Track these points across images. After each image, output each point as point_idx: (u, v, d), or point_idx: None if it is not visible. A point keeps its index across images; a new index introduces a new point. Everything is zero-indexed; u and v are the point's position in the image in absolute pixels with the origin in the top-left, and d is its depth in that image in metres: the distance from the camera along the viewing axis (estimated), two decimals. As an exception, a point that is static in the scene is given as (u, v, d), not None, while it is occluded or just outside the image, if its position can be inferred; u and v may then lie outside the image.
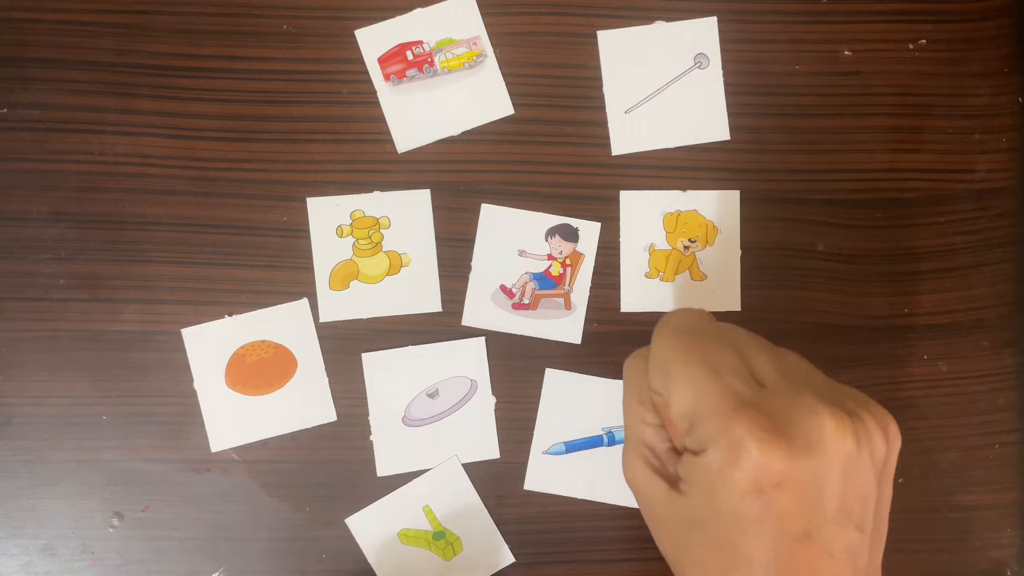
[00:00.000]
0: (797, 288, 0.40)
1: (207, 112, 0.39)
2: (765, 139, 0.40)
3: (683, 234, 0.40)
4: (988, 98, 0.41)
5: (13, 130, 0.38)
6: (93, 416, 0.38)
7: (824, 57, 0.40)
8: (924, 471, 0.40)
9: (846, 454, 0.27)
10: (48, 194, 0.38)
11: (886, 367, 0.40)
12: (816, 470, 0.27)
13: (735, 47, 0.40)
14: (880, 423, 0.29)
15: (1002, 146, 0.41)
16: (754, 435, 0.27)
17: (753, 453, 0.27)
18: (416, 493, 0.39)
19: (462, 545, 0.39)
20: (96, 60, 0.39)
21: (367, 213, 0.39)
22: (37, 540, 0.38)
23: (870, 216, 0.40)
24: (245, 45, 0.39)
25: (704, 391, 0.28)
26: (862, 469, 0.28)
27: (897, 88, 0.40)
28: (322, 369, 0.38)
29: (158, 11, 0.39)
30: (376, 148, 0.39)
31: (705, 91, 0.40)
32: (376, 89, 0.39)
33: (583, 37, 0.40)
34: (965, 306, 0.40)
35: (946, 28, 0.41)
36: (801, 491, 0.27)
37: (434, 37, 0.39)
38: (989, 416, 0.40)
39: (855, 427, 0.28)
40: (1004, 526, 0.40)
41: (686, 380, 0.29)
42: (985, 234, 0.41)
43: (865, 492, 0.28)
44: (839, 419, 0.27)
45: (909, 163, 0.40)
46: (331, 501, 0.39)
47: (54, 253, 0.38)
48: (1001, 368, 0.40)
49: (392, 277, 0.39)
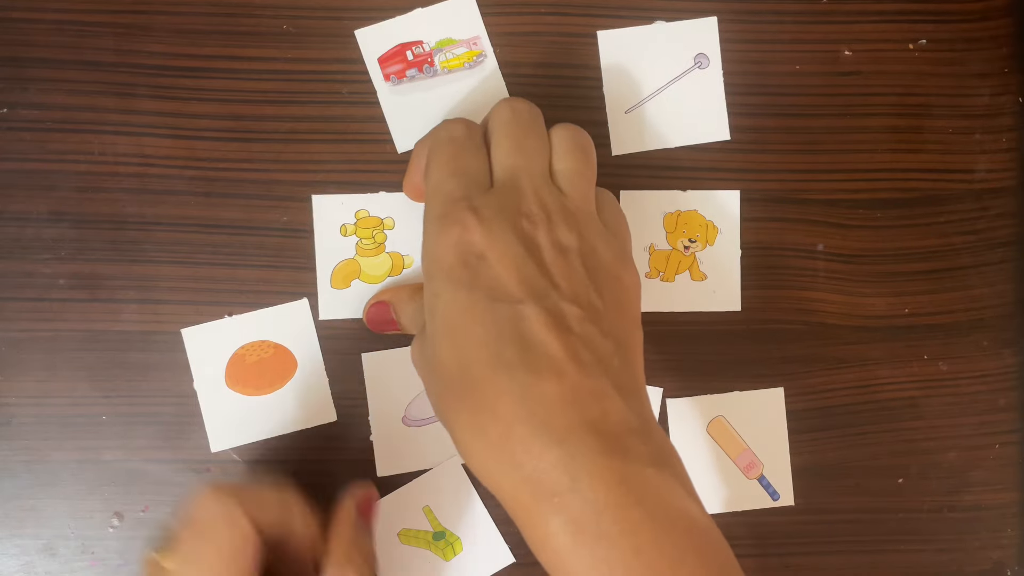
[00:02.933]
0: (797, 288, 0.40)
1: (207, 112, 0.39)
2: (765, 139, 0.40)
3: (683, 234, 0.40)
4: (988, 98, 0.41)
5: (13, 130, 0.38)
6: (93, 416, 0.38)
7: (824, 57, 0.40)
8: (924, 471, 0.40)
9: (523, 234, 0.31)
10: (48, 194, 0.38)
11: (886, 367, 0.40)
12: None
13: (735, 47, 0.40)
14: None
15: (1002, 146, 0.41)
16: (454, 217, 0.31)
17: (453, 231, 0.30)
18: (416, 493, 0.39)
19: (462, 545, 0.39)
20: (96, 60, 0.39)
21: (372, 213, 0.39)
22: (37, 540, 0.38)
23: (870, 216, 0.40)
24: (245, 45, 0.39)
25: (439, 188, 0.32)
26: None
27: (897, 88, 0.40)
28: (322, 369, 0.38)
29: (158, 11, 0.39)
30: (376, 148, 0.39)
31: (705, 91, 0.40)
32: (376, 89, 0.39)
33: (583, 37, 0.40)
34: (965, 306, 0.40)
35: (946, 28, 0.41)
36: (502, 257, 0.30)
37: (434, 37, 0.39)
38: (989, 416, 0.40)
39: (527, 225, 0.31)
40: (1004, 526, 0.40)
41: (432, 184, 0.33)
42: (985, 234, 0.41)
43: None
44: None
45: (909, 163, 0.40)
46: (331, 501, 0.39)
47: (54, 253, 0.38)
48: (1001, 368, 0.40)
49: (394, 277, 0.39)
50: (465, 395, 0.29)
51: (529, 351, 0.28)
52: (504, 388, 0.28)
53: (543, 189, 0.32)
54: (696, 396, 0.40)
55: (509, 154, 0.33)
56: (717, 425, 0.40)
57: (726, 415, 0.40)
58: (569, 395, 0.28)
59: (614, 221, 0.34)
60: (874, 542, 0.40)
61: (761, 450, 0.40)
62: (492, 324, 0.29)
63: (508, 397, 0.28)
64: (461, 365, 0.29)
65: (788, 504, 0.40)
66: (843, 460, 0.40)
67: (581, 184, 0.33)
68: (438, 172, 0.33)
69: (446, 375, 0.30)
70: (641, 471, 0.27)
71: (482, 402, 0.28)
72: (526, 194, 0.32)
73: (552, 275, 0.30)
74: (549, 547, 0.27)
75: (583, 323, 0.29)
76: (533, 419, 0.27)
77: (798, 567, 0.40)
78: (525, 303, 0.29)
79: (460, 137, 0.33)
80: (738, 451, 0.40)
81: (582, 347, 0.29)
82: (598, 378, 0.29)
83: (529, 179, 0.32)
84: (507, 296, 0.29)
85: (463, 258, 0.30)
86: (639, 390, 0.30)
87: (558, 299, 0.30)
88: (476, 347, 0.29)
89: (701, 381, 0.40)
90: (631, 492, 0.27)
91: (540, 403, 0.28)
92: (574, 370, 0.28)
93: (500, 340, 0.29)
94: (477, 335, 0.29)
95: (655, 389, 0.39)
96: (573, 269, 0.31)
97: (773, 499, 0.40)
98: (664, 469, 0.28)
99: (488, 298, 0.29)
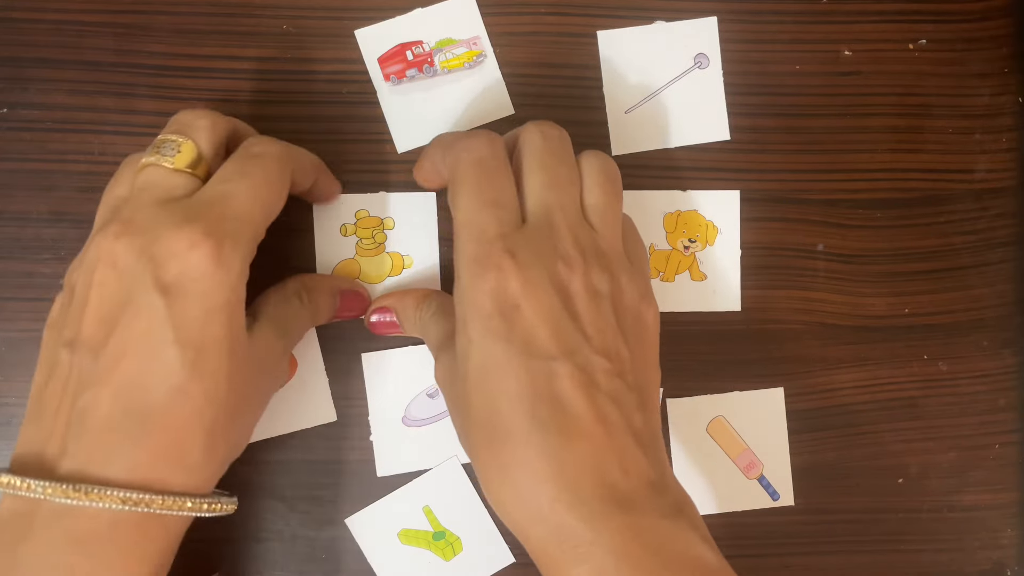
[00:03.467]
0: (797, 288, 0.40)
1: (207, 112, 0.39)
2: (765, 139, 0.40)
3: (683, 234, 0.40)
4: (988, 98, 0.41)
5: (13, 130, 0.38)
6: (93, 416, 0.38)
7: (824, 57, 0.40)
8: (924, 471, 0.40)
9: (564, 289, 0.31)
10: (48, 194, 0.38)
11: (886, 367, 0.40)
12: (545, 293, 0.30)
13: (735, 47, 0.40)
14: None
15: (1002, 146, 0.41)
16: (493, 262, 0.30)
17: (490, 277, 0.30)
18: (416, 493, 0.39)
19: (462, 545, 0.39)
20: (96, 60, 0.39)
21: (372, 213, 0.39)
22: (37, 540, 0.38)
23: (870, 216, 0.40)
24: (245, 45, 0.39)
25: (471, 220, 0.31)
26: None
27: (897, 88, 0.40)
28: (322, 369, 0.38)
29: (158, 11, 0.39)
30: (376, 148, 0.39)
31: (705, 91, 0.40)
32: (376, 89, 0.39)
33: (583, 37, 0.40)
34: (965, 306, 0.40)
35: (946, 28, 0.41)
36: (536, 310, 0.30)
37: (434, 37, 0.39)
38: (989, 416, 0.40)
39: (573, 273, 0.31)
40: (1004, 526, 0.40)
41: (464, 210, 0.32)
42: (985, 234, 0.41)
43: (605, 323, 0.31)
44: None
45: (909, 163, 0.40)
46: (331, 501, 0.39)
47: (54, 253, 0.38)
48: (1001, 368, 0.40)
49: (394, 278, 0.39)
50: (497, 444, 0.30)
51: (561, 411, 0.29)
52: (535, 444, 0.29)
53: (578, 228, 0.32)
54: (696, 396, 0.40)
55: (544, 188, 0.32)
56: (717, 425, 0.40)
57: (726, 415, 0.40)
58: (594, 458, 0.29)
59: (636, 253, 0.34)
60: (874, 542, 0.40)
61: (761, 450, 0.40)
62: (527, 381, 0.29)
63: (539, 454, 0.29)
64: (494, 414, 0.30)
65: (788, 504, 0.40)
66: (843, 460, 0.40)
67: (612, 220, 0.33)
68: (468, 202, 0.32)
69: (478, 421, 0.30)
70: (657, 523, 0.29)
71: (514, 456, 0.29)
72: (562, 234, 0.31)
73: (584, 326, 0.30)
74: None
75: (611, 378, 0.30)
76: (561, 479, 0.29)
77: (798, 567, 0.40)
78: (558, 360, 0.30)
79: (487, 160, 0.32)
80: (738, 451, 0.40)
81: (610, 406, 0.30)
82: (622, 437, 0.30)
83: (564, 217, 0.32)
84: (541, 352, 0.30)
85: (500, 308, 0.30)
86: (657, 440, 0.31)
87: (589, 353, 0.30)
88: (509, 401, 0.29)
89: (701, 381, 0.40)
90: (648, 544, 0.28)
91: (569, 464, 0.29)
92: (601, 432, 0.29)
93: (534, 397, 0.29)
94: (511, 389, 0.29)
95: (655, 389, 0.39)
96: (604, 317, 0.31)
97: (773, 499, 0.40)
98: (679, 518, 0.29)
99: (523, 353, 0.30)
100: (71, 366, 0.30)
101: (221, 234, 0.30)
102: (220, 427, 0.30)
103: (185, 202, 0.31)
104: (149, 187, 0.31)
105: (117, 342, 0.29)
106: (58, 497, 0.28)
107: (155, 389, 0.29)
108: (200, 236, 0.29)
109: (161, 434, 0.29)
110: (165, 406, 0.29)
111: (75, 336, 0.30)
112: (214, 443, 0.30)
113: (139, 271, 0.29)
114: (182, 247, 0.29)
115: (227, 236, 0.30)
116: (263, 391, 0.34)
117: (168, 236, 0.29)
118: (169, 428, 0.29)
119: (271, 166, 0.32)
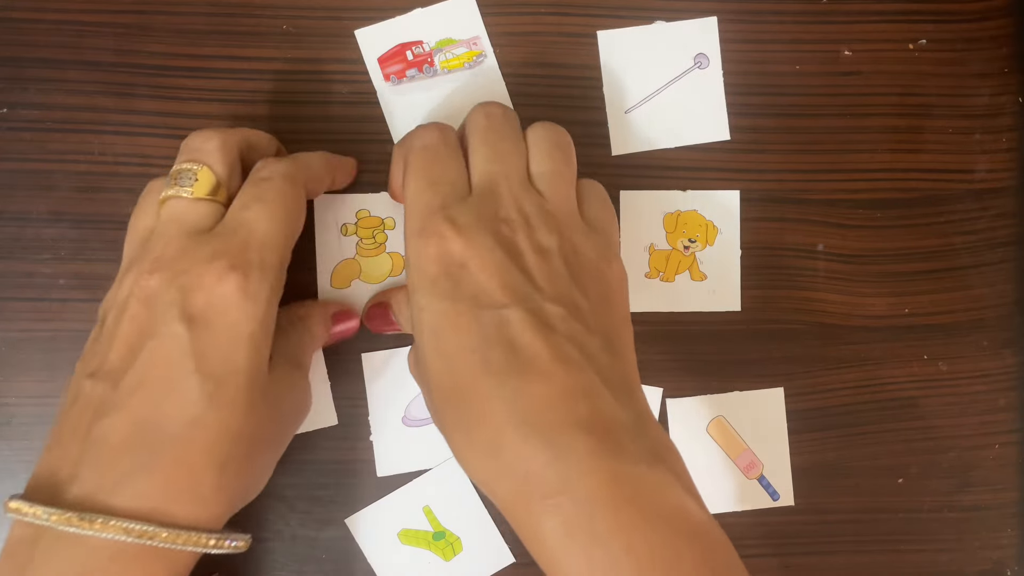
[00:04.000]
0: (797, 288, 0.40)
1: (207, 112, 0.39)
2: (765, 139, 0.40)
3: (683, 234, 0.40)
4: (988, 98, 0.41)
5: (13, 130, 0.38)
6: (93, 416, 0.38)
7: (824, 57, 0.40)
8: (924, 471, 0.40)
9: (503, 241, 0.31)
10: (48, 194, 0.38)
11: (886, 367, 0.40)
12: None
13: (735, 47, 0.40)
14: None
15: (1002, 146, 0.41)
16: (434, 229, 0.31)
17: (432, 243, 0.30)
18: (416, 493, 0.39)
19: (462, 545, 0.39)
20: (96, 60, 0.39)
21: (373, 213, 0.39)
22: (37, 540, 0.38)
23: (870, 216, 0.40)
24: (245, 45, 0.39)
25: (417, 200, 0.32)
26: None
27: (897, 88, 0.40)
28: (324, 374, 0.38)
29: (158, 11, 0.39)
30: (376, 148, 0.39)
31: (705, 91, 0.40)
32: (376, 89, 0.39)
33: (583, 37, 0.40)
34: (965, 306, 0.40)
35: (946, 28, 0.41)
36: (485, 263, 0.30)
37: (434, 37, 0.39)
38: (989, 416, 0.40)
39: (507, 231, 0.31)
40: (1004, 526, 0.40)
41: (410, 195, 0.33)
42: (985, 234, 0.41)
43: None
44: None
45: (909, 163, 0.40)
46: (331, 501, 0.39)
47: (54, 253, 0.38)
48: (1001, 368, 0.40)
49: (394, 278, 0.39)
50: (457, 403, 0.29)
51: (515, 354, 0.29)
52: (493, 393, 0.28)
53: (521, 194, 0.32)
54: (696, 396, 0.40)
55: (486, 160, 0.33)
56: (717, 425, 0.40)
57: (726, 415, 0.40)
58: (557, 395, 0.28)
59: (599, 217, 0.34)
60: (874, 542, 0.40)
61: (761, 450, 0.40)
62: (477, 331, 0.29)
63: (497, 402, 0.28)
64: (451, 374, 0.29)
65: (788, 504, 0.40)
66: (843, 460, 0.40)
67: (560, 185, 0.33)
68: (414, 183, 0.33)
69: (437, 385, 0.30)
70: (632, 468, 0.27)
71: (472, 408, 0.29)
72: (504, 200, 0.32)
73: (534, 278, 0.30)
74: (545, 549, 0.27)
75: (567, 321, 0.30)
76: (523, 422, 0.28)
77: (798, 567, 0.40)
78: (509, 307, 0.29)
79: (434, 144, 0.34)
80: (738, 451, 0.40)
81: (568, 345, 0.29)
82: (586, 375, 0.29)
83: (507, 184, 0.32)
84: (491, 302, 0.30)
85: (445, 269, 0.30)
86: (631, 385, 0.31)
87: (541, 301, 0.30)
88: (463, 355, 0.29)
89: (701, 381, 0.40)
90: (622, 490, 0.27)
91: (528, 405, 0.28)
92: (561, 370, 0.28)
93: (486, 346, 0.29)
94: (463, 343, 0.29)
95: (655, 389, 0.39)
96: (555, 270, 0.31)
97: (773, 499, 0.40)
98: (658, 465, 0.28)
99: (472, 306, 0.30)
100: (92, 394, 0.30)
101: (247, 265, 0.30)
102: (235, 462, 0.30)
103: (210, 234, 0.31)
104: (174, 219, 0.32)
105: (138, 370, 0.29)
106: (61, 525, 0.27)
107: (172, 419, 0.29)
108: (226, 268, 0.30)
109: (172, 465, 0.28)
110: (180, 436, 0.29)
111: (99, 366, 0.30)
112: (227, 478, 0.29)
113: (167, 303, 0.30)
114: (211, 280, 0.30)
115: (253, 267, 0.30)
116: (284, 427, 0.34)
117: (197, 270, 0.30)
118: (181, 459, 0.29)
119: (283, 187, 0.32)
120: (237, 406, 0.29)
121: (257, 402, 0.30)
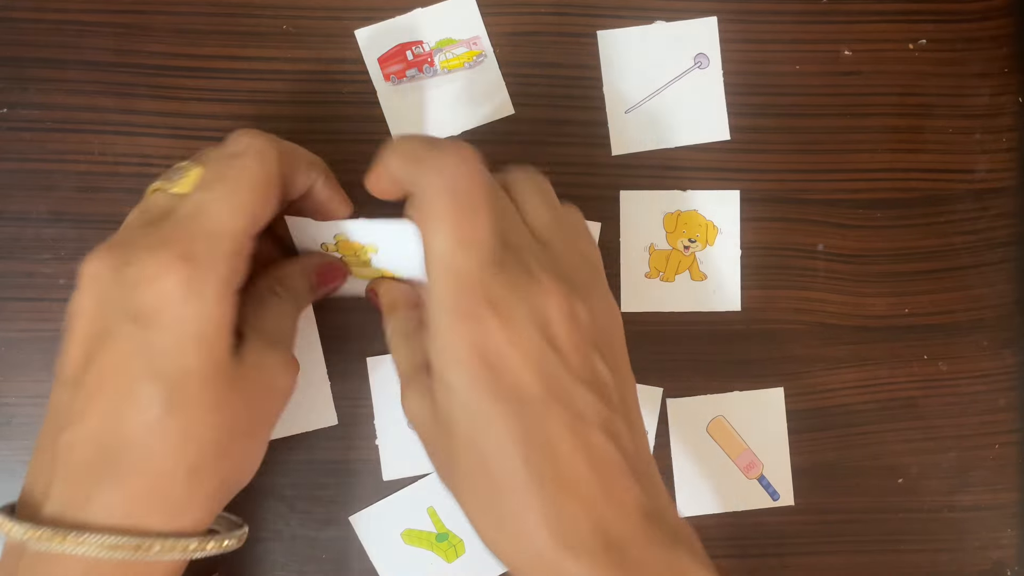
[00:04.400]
0: (797, 288, 0.40)
1: (207, 112, 0.39)
2: (765, 139, 0.40)
3: (683, 234, 0.40)
4: (988, 98, 0.41)
5: (13, 130, 0.38)
6: (93, 416, 0.38)
7: (824, 57, 0.40)
8: (924, 471, 0.40)
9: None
10: (48, 194, 0.38)
11: (886, 367, 0.40)
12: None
13: (735, 47, 0.40)
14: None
15: (1002, 146, 0.41)
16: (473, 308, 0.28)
17: (470, 327, 0.27)
18: (420, 494, 0.39)
19: (465, 547, 0.39)
20: (96, 60, 0.39)
21: (352, 239, 0.35)
22: (37, 540, 0.38)
23: (870, 216, 0.40)
24: (245, 45, 0.39)
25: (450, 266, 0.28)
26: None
27: (897, 88, 0.40)
28: (324, 373, 0.38)
29: (158, 11, 0.39)
30: (376, 148, 0.39)
31: (705, 91, 0.40)
32: (376, 89, 0.39)
33: (583, 37, 0.40)
34: (965, 306, 0.41)
35: (946, 28, 0.41)
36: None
37: (434, 37, 0.39)
38: (989, 416, 0.40)
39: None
40: (1004, 526, 0.40)
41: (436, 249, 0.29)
42: (985, 234, 0.41)
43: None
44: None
45: (909, 163, 0.40)
46: (331, 501, 0.39)
47: (54, 253, 0.38)
48: (1001, 368, 0.40)
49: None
50: (490, 495, 0.28)
51: (553, 459, 0.27)
52: (532, 496, 0.27)
53: (542, 256, 0.30)
54: (696, 396, 0.40)
55: (500, 219, 0.30)
56: (717, 425, 0.40)
57: (726, 415, 0.40)
58: (590, 503, 0.28)
59: (588, 253, 0.33)
60: (874, 542, 0.40)
61: (761, 450, 0.40)
62: (519, 430, 0.27)
63: (536, 505, 0.27)
64: (484, 467, 0.28)
65: (788, 504, 0.40)
66: (843, 460, 0.40)
67: (564, 234, 0.32)
68: (442, 241, 0.28)
69: (468, 474, 0.29)
70: (655, 555, 0.27)
71: (509, 506, 0.28)
72: (531, 264, 0.29)
73: (566, 356, 0.29)
74: None
75: (596, 406, 0.28)
76: (559, 528, 0.27)
77: (797, 567, 0.40)
78: (546, 402, 0.28)
79: (461, 189, 0.29)
80: (738, 451, 0.40)
81: (600, 437, 0.28)
82: (616, 475, 0.28)
83: (526, 242, 0.30)
84: (529, 397, 0.28)
85: (483, 358, 0.28)
86: (648, 461, 0.30)
87: (573, 386, 0.28)
88: (502, 452, 0.27)
89: (701, 381, 0.40)
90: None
91: (565, 513, 0.27)
92: (594, 478, 0.28)
93: (527, 447, 0.27)
94: (504, 442, 0.27)
95: (655, 389, 0.39)
96: (582, 336, 0.29)
97: (773, 499, 0.40)
98: (677, 548, 0.28)
99: (511, 401, 0.28)
100: (59, 402, 0.29)
101: (193, 256, 0.27)
102: (206, 463, 0.28)
103: (164, 222, 0.29)
104: (147, 210, 0.30)
105: (93, 375, 0.28)
106: (34, 542, 0.27)
107: (131, 426, 0.27)
108: (172, 259, 0.27)
109: (137, 476, 0.27)
110: (140, 445, 0.27)
111: (62, 370, 0.29)
112: (199, 481, 0.28)
113: (114, 298, 0.28)
114: (153, 272, 0.27)
115: (200, 258, 0.28)
116: (264, 414, 0.32)
117: (141, 260, 0.28)
118: (146, 469, 0.27)
119: (252, 165, 0.29)
120: (198, 407, 0.28)
121: (223, 399, 0.28)
